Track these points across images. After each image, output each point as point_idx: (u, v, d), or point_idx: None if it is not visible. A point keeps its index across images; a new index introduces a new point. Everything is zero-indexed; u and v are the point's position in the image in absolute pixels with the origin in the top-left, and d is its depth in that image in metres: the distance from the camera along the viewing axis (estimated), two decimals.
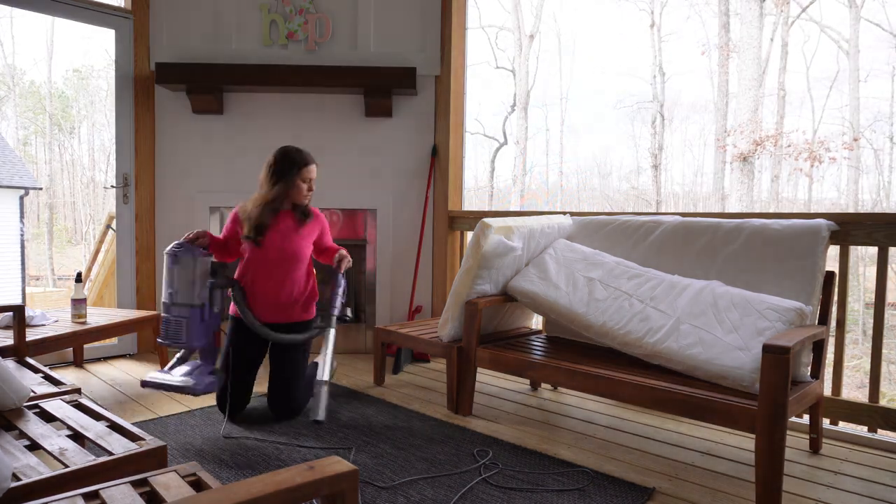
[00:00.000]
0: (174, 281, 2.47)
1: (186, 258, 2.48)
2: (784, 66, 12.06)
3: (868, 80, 11.79)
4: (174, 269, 2.47)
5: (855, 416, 2.51)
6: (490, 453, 2.32)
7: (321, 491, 0.96)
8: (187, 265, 2.48)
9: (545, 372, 2.53)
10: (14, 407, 1.84)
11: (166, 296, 2.48)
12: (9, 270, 10.05)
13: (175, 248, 2.49)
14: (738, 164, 10.94)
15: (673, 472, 2.22)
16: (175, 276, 2.47)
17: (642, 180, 14.82)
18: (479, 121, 14.11)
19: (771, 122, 12.18)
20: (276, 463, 2.23)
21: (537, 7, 13.97)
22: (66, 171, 16.07)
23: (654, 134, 14.12)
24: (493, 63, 14.58)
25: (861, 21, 11.60)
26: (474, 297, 2.78)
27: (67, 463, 1.47)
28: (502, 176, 14.82)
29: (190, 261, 2.48)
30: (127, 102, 3.86)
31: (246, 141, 3.98)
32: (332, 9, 3.90)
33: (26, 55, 16.16)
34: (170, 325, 2.46)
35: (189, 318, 2.45)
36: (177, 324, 2.45)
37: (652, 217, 2.87)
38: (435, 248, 4.03)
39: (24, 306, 2.61)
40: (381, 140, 4.00)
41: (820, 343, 2.28)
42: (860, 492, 2.07)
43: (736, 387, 2.08)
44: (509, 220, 2.81)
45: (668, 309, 2.43)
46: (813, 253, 2.32)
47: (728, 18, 12.39)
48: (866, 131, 11.89)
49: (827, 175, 12.19)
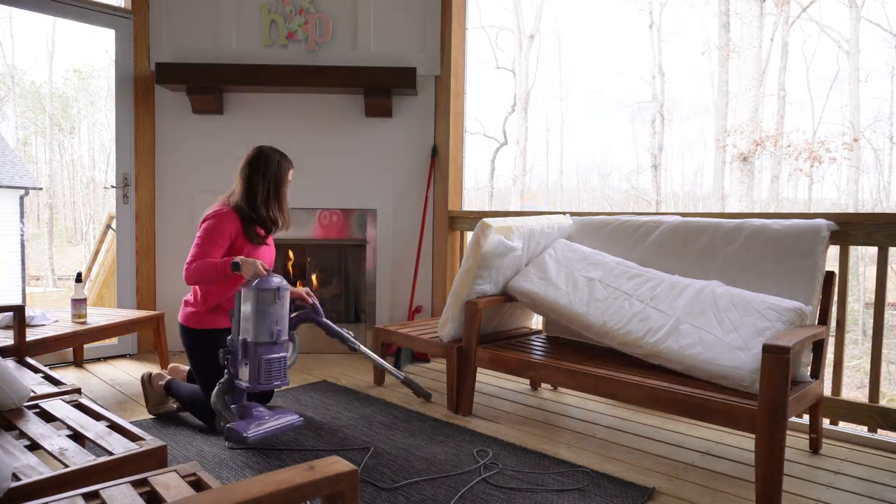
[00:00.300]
0: (276, 318, 2.27)
1: (286, 293, 2.31)
2: (784, 66, 12.06)
3: (868, 80, 11.79)
4: (276, 304, 2.26)
5: (855, 416, 2.51)
6: (490, 453, 2.32)
7: (321, 491, 0.96)
8: (284, 300, 2.30)
9: (545, 372, 2.53)
10: (14, 407, 1.84)
11: (265, 334, 2.24)
12: (9, 270, 10.05)
13: (276, 282, 2.28)
14: (738, 164, 10.94)
15: (673, 472, 2.22)
16: (277, 312, 2.27)
17: (642, 180, 14.82)
18: (479, 121, 14.11)
19: (771, 123, 12.18)
20: (275, 463, 2.23)
21: (537, 7, 13.97)
22: (66, 171, 16.07)
23: (653, 134, 14.12)
24: (493, 63, 14.58)
25: (861, 21, 11.60)
26: (474, 297, 2.78)
27: (67, 463, 1.47)
28: (502, 176, 14.81)
29: (287, 294, 2.32)
30: (127, 102, 3.86)
31: (246, 141, 3.95)
32: (332, 9, 3.90)
33: (26, 55, 16.17)
34: (273, 367, 2.26)
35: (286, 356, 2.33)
36: (279, 364, 2.28)
37: (652, 217, 2.87)
38: (435, 248, 4.03)
39: (24, 306, 2.60)
40: (381, 140, 4.00)
41: (820, 343, 2.28)
42: (860, 492, 2.07)
43: (736, 387, 2.08)
44: (509, 220, 2.81)
45: (668, 309, 2.43)
46: (813, 253, 2.32)
47: (728, 18, 12.39)
48: (866, 131, 11.88)
49: (827, 175, 12.18)
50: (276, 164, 2.62)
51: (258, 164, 2.60)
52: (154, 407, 2.73)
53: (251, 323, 2.24)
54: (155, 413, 2.73)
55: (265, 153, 2.63)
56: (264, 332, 2.25)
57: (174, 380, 2.74)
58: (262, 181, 2.58)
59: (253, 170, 2.59)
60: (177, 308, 3.93)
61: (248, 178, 2.58)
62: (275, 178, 2.61)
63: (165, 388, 2.71)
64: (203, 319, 2.57)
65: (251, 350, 2.24)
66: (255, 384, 2.25)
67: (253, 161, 2.61)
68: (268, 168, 2.60)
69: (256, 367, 2.24)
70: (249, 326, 2.25)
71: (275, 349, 2.27)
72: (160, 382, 2.74)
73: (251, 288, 2.24)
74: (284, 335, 2.31)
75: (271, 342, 2.26)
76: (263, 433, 2.26)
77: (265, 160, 2.61)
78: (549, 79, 16.02)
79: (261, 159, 2.61)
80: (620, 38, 17.05)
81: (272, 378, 2.27)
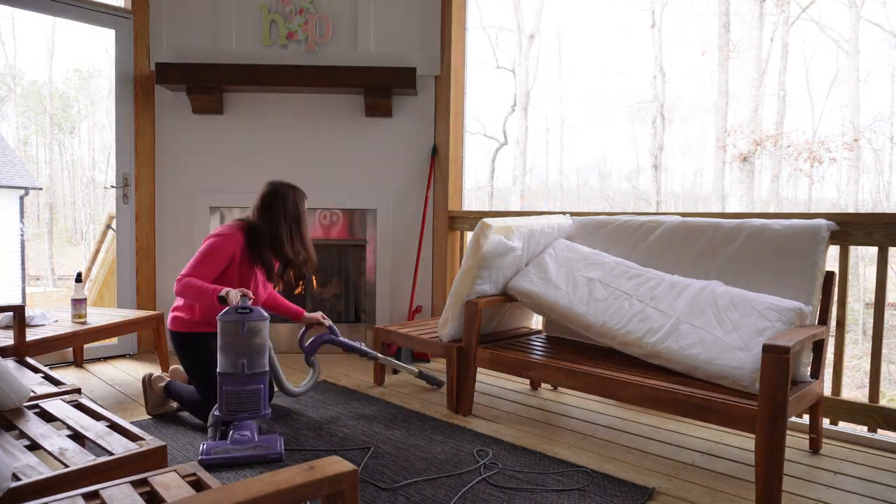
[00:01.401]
0: (238, 350, 2.21)
1: (260, 323, 2.24)
2: (784, 66, 12.06)
3: (868, 80, 11.79)
4: (241, 336, 2.21)
5: (855, 416, 2.51)
6: (490, 453, 2.32)
7: (321, 491, 0.96)
8: (260, 330, 2.25)
9: (545, 372, 2.53)
10: (14, 407, 1.84)
11: (231, 366, 2.21)
12: (9, 270, 10.05)
13: (241, 312, 2.22)
14: (738, 164, 10.94)
15: (673, 472, 2.22)
16: (241, 344, 2.21)
17: (642, 180, 14.83)
18: (479, 121, 14.11)
19: (771, 122, 12.18)
20: (276, 463, 2.23)
21: (537, 7, 13.97)
22: (66, 171, 16.07)
23: (654, 134, 14.12)
24: (493, 63, 14.58)
25: (861, 21, 11.61)
26: (474, 297, 2.78)
27: (67, 463, 1.47)
28: (502, 176, 14.82)
29: (262, 325, 2.26)
30: (127, 102, 3.87)
31: (246, 141, 3.98)
32: (332, 9, 3.90)
33: (27, 55, 16.17)
34: (240, 399, 2.23)
35: (262, 386, 2.27)
36: (249, 397, 2.24)
37: (652, 217, 2.87)
38: (435, 248, 4.03)
39: (24, 306, 2.60)
40: (381, 140, 4.00)
41: (820, 343, 2.28)
42: (860, 492, 2.07)
43: (736, 387, 2.08)
44: (509, 220, 2.81)
45: (668, 309, 2.43)
46: (813, 253, 2.32)
47: (728, 18, 12.39)
48: (866, 131, 11.89)
49: (827, 175, 12.19)
50: (293, 202, 2.62)
51: (277, 205, 2.59)
52: (153, 408, 2.74)
53: (219, 352, 2.24)
54: (153, 414, 2.73)
55: (280, 192, 2.61)
56: (228, 363, 2.22)
57: (174, 381, 2.75)
58: (283, 223, 2.58)
59: (273, 213, 2.58)
60: None
61: (270, 222, 2.57)
62: (295, 215, 2.62)
63: (165, 389, 2.72)
64: (193, 325, 2.62)
65: (218, 380, 2.26)
66: (222, 411, 2.25)
67: (270, 202, 2.59)
68: (286, 208, 2.60)
69: (222, 396, 2.24)
70: (219, 355, 2.25)
71: (240, 382, 2.22)
72: (160, 384, 2.75)
73: (218, 319, 2.24)
74: (258, 367, 2.24)
75: (234, 374, 2.22)
76: (220, 460, 2.17)
77: (282, 200, 2.60)
78: (549, 79, 16.02)
79: (278, 199, 2.59)
80: (621, 38, 17.04)
81: (237, 409, 2.24)
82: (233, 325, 2.20)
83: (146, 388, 2.76)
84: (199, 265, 2.49)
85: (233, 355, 2.21)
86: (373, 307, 4.04)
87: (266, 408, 2.30)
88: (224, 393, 2.23)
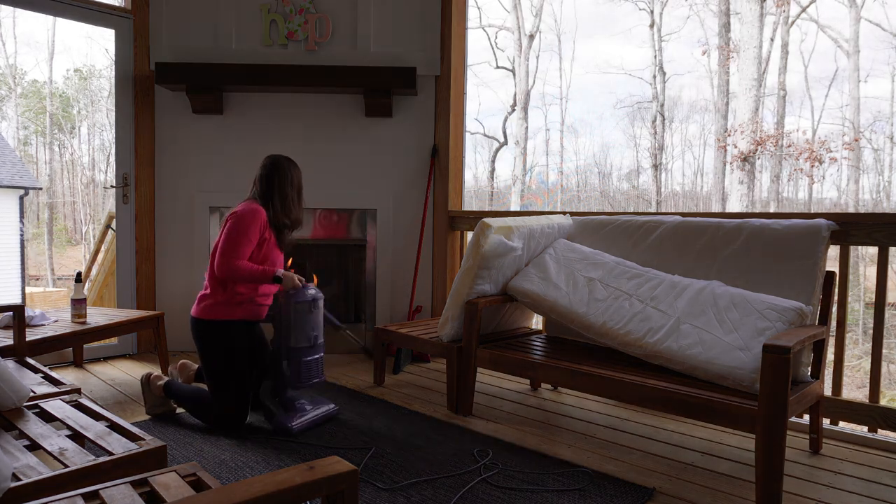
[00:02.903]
0: (312, 325, 2.56)
1: (320, 302, 2.60)
2: (784, 66, 12.07)
3: (868, 80, 11.81)
4: (312, 314, 2.56)
5: (855, 416, 2.50)
6: (490, 453, 2.32)
7: (321, 491, 0.96)
8: (319, 308, 2.60)
9: (545, 372, 2.53)
10: (14, 407, 1.84)
11: (305, 340, 2.54)
12: (9, 270, 10.05)
13: (311, 294, 2.55)
14: (739, 163, 10.94)
15: (673, 472, 2.22)
16: (314, 320, 2.57)
17: (642, 180, 14.84)
18: (479, 121, 14.16)
19: (771, 122, 12.19)
20: (276, 463, 2.23)
21: (537, 7, 13.97)
22: (66, 171, 16.08)
23: (654, 134, 14.13)
24: (493, 63, 14.59)
25: (861, 21, 11.61)
26: (474, 297, 2.78)
27: (67, 463, 1.47)
28: (502, 176, 14.83)
29: (321, 303, 2.61)
30: (127, 102, 3.86)
31: (246, 141, 3.98)
32: (332, 9, 3.90)
33: (27, 55, 16.17)
34: (311, 367, 2.57)
35: (322, 355, 2.63)
36: (316, 364, 2.59)
37: (652, 217, 2.87)
38: (435, 248, 4.03)
39: (23, 306, 2.60)
40: (381, 140, 4.00)
41: (820, 343, 2.28)
42: (860, 492, 2.07)
43: (736, 387, 2.08)
44: (509, 220, 2.81)
45: (668, 309, 2.43)
46: (813, 253, 2.32)
47: (728, 18, 12.40)
48: (866, 131, 11.89)
49: (827, 175, 12.20)
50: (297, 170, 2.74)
51: (283, 173, 2.67)
52: (151, 408, 2.73)
53: (291, 330, 2.52)
54: (152, 414, 2.73)
55: (282, 163, 2.68)
56: (303, 337, 2.54)
57: (173, 381, 2.74)
58: (290, 189, 2.67)
59: (280, 179, 2.65)
60: (176, 307, 3.95)
61: (280, 187, 2.64)
62: (298, 183, 2.72)
63: (164, 389, 2.71)
64: (217, 310, 2.53)
65: (292, 354, 2.53)
66: (296, 382, 2.54)
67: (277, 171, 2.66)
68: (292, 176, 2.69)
69: (297, 368, 2.54)
70: (290, 333, 2.52)
71: (311, 352, 2.57)
72: (158, 384, 2.73)
73: (290, 300, 2.52)
74: (321, 338, 2.60)
75: (308, 346, 2.56)
76: (307, 423, 2.56)
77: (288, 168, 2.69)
78: (549, 78, 16.03)
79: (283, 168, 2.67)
80: (621, 38, 17.06)
81: (311, 377, 2.57)
82: (307, 304, 2.54)
83: (145, 388, 2.75)
84: (235, 245, 2.47)
85: (306, 330, 2.54)
86: (373, 307, 4.04)
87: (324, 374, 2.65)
88: (302, 364, 2.54)
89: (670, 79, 13.90)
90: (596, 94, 16.81)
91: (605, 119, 16.58)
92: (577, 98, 16.72)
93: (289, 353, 2.54)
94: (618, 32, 17.93)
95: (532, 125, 14.26)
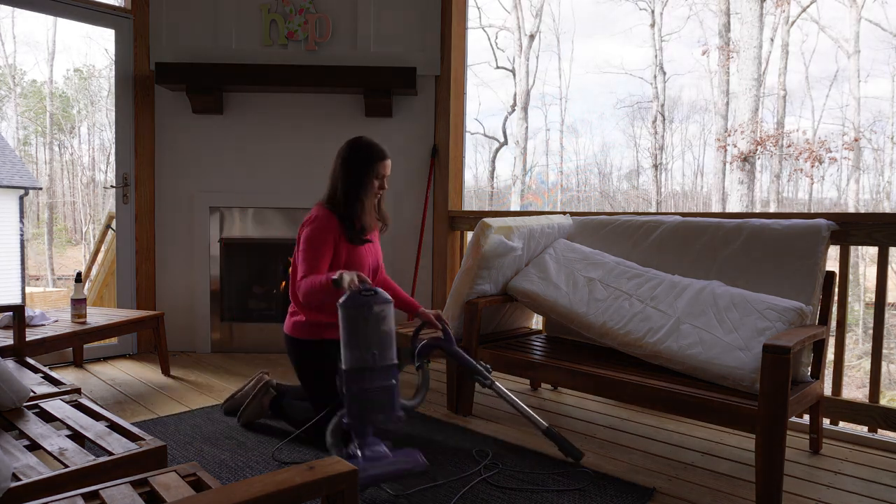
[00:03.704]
0: (366, 340, 1.88)
1: (386, 307, 1.91)
2: (784, 66, 12.07)
3: (868, 80, 11.82)
4: (368, 324, 1.88)
5: (855, 416, 2.50)
6: (490, 453, 2.32)
7: (321, 491, 0.96)
8: (387, 315, 1.92)
9: (545, 372, 2.53)
10: (14, 407, 1.84)
11: (358, 360, 1.87)
12: (9, 270, 10.05)
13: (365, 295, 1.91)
14: (739, 163, 10.94)
15: (673, 472, 2.22)
16: (368, 333, 1.88)
17: (642, 180, 14.84)
18: (479, 121, 14.16)
19: (771, 122, 12.19)
20: (275, 464, 2.23)
21: (537, 7, 13.97)
22: (66, 171, 16.08)
23: (654, 134, 14.13)
24: (493, 63, 14.59)
25: (861, 21, 11.61)
26: (474, 297, 2.78)
27: (67, 463, 1.47)
28: (502, 176, 14.83)
29: (389, 309, 1.93)
30: (127, 102, 3.86)
31: (246, 141, 3.98)
32: (332, 9, 3.90)
33: (27, 55, 16.18)
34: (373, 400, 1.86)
35: (394, 382, 1.92)
36: (385, 392, 1.88)
37: (652, 217, 2.87)
38: (435, 248, 4.03)
39: (23, 306, 2.60)
40: (381, 140, 3.95)
41: (820, 343, 2.28)
42: (860, 492, 2.07)
43: (736, 387, 2.08)
44: (509, 220, 2.81)
45: (668, 309, 2.43)
46: (813, 253, 2.32)
47: (728, 18, 12.40)
48: (866, 131, 11.89)
49: (827, 175, 12.20)
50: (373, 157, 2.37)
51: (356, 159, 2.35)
52: (248, 417, 2.55)
53: (343, 346, 1.91)
54: (245, 424, 2.55)
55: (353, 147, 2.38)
56: (354, 357, 1.88)
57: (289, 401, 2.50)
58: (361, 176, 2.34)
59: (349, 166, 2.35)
60: (176, 308, 3.95)
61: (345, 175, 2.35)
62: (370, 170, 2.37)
63: (272, 405, 2.49)
64: (306, 330, 2.35)
65: (344, 379, 1.90)
66: (352, 420, 1.88)
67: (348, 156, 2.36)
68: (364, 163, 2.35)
69: (349, 398, 1.88)
70: (342, 350, 1.91)
71: (371, 377, 1.87)
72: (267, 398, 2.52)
73: (338, 305, 1.92)
74: (388, 359, 1.90)
75: (363, 368, 1.87)
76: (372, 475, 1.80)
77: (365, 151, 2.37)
78: (549, 78, 16.03)
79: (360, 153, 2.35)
80: (621, 38, 17.07)
81: (370, 412, 1.86)
82: (357, 311, 1.87)
83: (254, 394, 2.53)
84: (310, 262, 2.22)
85: (360, 346, 1.87)
86: None
87: (398, 408, 1.93)
88: (352, 393, 1.86)
89: (670, 79, 13.91)
90: (596, 94, 16.82)
91: (605, 119, 16.59)
92: (577, 98, 16.74)
93: (342, 379, 1.92)
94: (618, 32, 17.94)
95: (532, 125, 14.27)
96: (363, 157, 2.35)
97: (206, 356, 3.88)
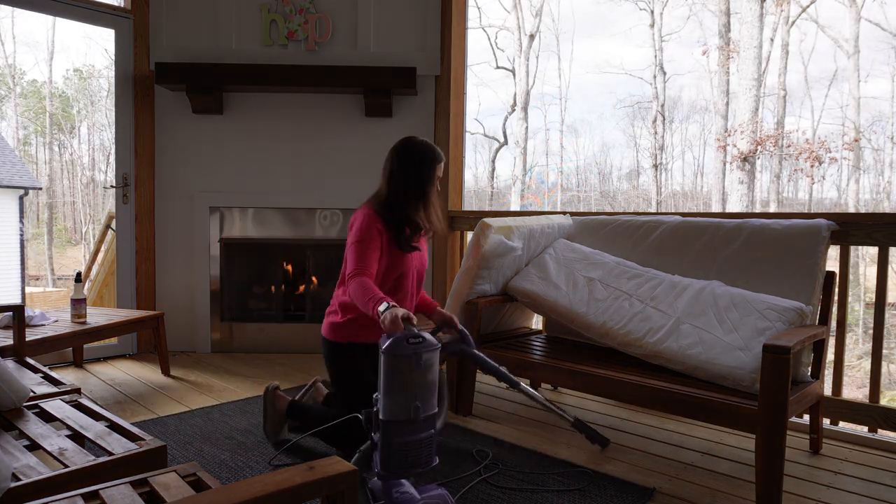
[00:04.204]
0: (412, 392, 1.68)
1: (434, 354, 1.72)
2: (784, 65, 12.07)
3: (868, 80, 11.82)
4: (415, 372, 1.68)
5: (855, 416, 2.50)
6: (490, 453, 2.32)
7: (321, 491, 0.96)
8: (434, 363, 1.72)
9: (545, 372, 2.53)
10: (14, 407, 1.84)
11: (401, 411, 1.68)
12: (9, 270, 10.05)
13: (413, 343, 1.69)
14: (739, 163, 10.94)
15: (673, 472, 2.22)
16: (415, 383, 1.69)
17: (642, 180, 14.84)
18: (479, 121, 14.16)
19: (771, 122, 12.20)
20: (275, 463, 2.23)
21: (537, 7, 13.98)
22: (66, 171, 16.08)
23: (654, 134, 14.13)
24: (493, 63, 14.60)
25: (861, 21, 11.61)
26: (474, 298, 2.78)
27: (67, 463, 1.47)
28: (502, 176, 14.83)
29: (436, 356, 1.73)
30: (127, 102, 3.86)
31: (246, 141, 3.98)
32: (332, 9, 3.90)
33: (27, 55, 16.18)
34: (411, 452, 1.71)
35: (433, 431, 1.75)
36: (420, 447, 1.72)
37: (652, 217, 2.86)
38: (435, 248, 4.03)
39: (23, 306, 2.60)
40: (381, 140, 3.99)
41: (820, 343, 2.28)
42: (860, 492, 2.07)
43: (736, 387, 2.08)
44: (509, 220, 2.81)
45: (668, 309, 2.43)
46: (813, 253, 2.32)
47: (728, 18, 12.40)
48: (866, 131, 11.90)
49: (827, 175, 12.20)
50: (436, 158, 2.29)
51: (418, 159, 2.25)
52: (273, 427, 2.39)
53: (382, 394, 1.71)
54: (275, 441, 2.39)
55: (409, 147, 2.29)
56: (397, 407, 1.69)
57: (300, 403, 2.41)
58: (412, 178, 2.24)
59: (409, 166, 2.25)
60: (176, 308, 3.95)
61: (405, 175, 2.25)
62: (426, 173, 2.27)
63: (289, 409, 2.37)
64: (340, 332, 2.27)
65: (382, 429, 1.72)
66: (385, 469, 1.72)
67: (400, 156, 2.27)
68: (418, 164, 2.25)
69: (388, 449, 1.71)
70: (381, 398, 1.72)
71: (412, 429, 1.70)
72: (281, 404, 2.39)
73: (383, 349, 1.70)
74: (431, 408, 1.73)
75: (406, 420, 1.69)
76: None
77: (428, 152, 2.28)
78: (549, 78, 16.03)
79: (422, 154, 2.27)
80: (621, 38, 17.07)
81: (409, 464, 1.72)
82: (406, 361, 1.68)
83: (267, 404, 2.40)
84: (360, 257, 2.10)
85: (403, 397, 1.68)
86: None
87: (435, 456, 1.78)
88: (392, 445, 1.70)
89: (670, 79, 13.91)
90: (596, 94, 16.82)
91: (605, 119, 16.60)
92: (577, 98, 16.74)
93: (378, 427, 1.74)
94: (618, 32, 17.95)
95: (532, 125, 14.28)
96: (428, 157, 2.27)
97: (206, 356, 3.88)
